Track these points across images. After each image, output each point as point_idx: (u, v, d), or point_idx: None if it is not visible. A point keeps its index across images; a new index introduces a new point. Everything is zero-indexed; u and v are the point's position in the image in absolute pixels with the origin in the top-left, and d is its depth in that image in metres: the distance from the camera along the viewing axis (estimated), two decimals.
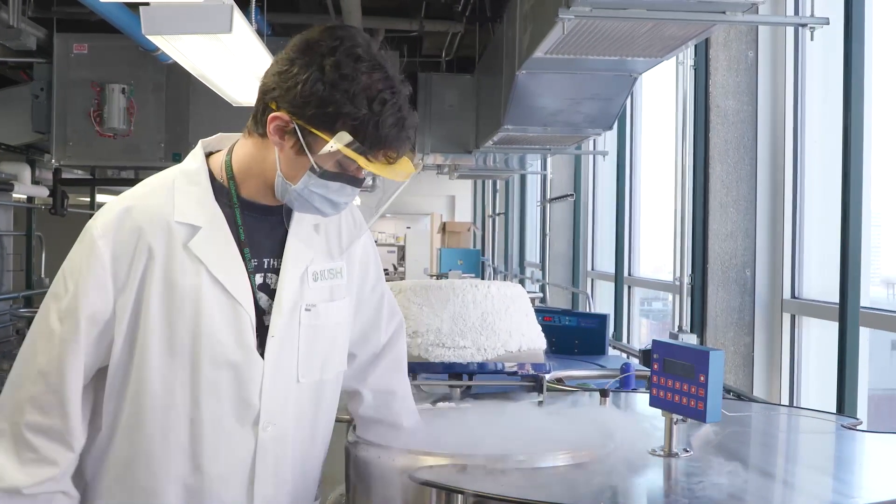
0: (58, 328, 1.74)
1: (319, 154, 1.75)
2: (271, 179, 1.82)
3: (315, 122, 1.73)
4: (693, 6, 3.08)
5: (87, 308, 1.74)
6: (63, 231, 10.26)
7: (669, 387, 2.00)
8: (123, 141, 6.64)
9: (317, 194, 1.79)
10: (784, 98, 4.82)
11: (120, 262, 1.75)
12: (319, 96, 1.72)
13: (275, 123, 1.76)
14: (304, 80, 1.73)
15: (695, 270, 4.98)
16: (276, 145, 1.78)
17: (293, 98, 1.73)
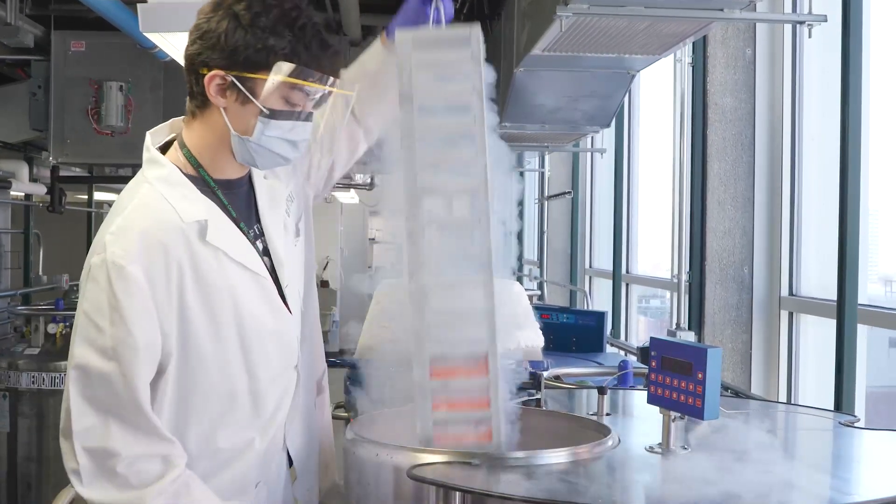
0: (110, 367, 1.72)
1: (263, 95, 1.79)
2: (226, 144, 1.85)
3: (248, 66, 1.77)
4: (691, 3, 3.07)
5: (141, 336, 1.73)
6: (61, 229, 10.32)
7: (667, 384, 2.00)
8: (121, 138, 6.63)
9: (274, 138, 1.82)
10: (782, 95, 4.82)
11: (157, 285, 1.75)
12: (244, 41, 1.76)
13: (213, 83, 1.79)
14: (224, 31, 1.77)
15: (693, 268, 4.98)
16: (221, 107, 1.81)
17: (220, 53, 1.78)
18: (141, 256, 1.73)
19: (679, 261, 4.91)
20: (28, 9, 6.13)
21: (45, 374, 5.61)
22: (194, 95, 1.85)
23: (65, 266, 9.44)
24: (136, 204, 1.80)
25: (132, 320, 1.72)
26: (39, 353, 5.69)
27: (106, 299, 1.72)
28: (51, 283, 8.84)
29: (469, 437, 1.92)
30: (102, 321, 1.72)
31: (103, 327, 1.72)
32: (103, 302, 1.72)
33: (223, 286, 1.81)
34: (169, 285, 1.76)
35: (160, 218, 1.79)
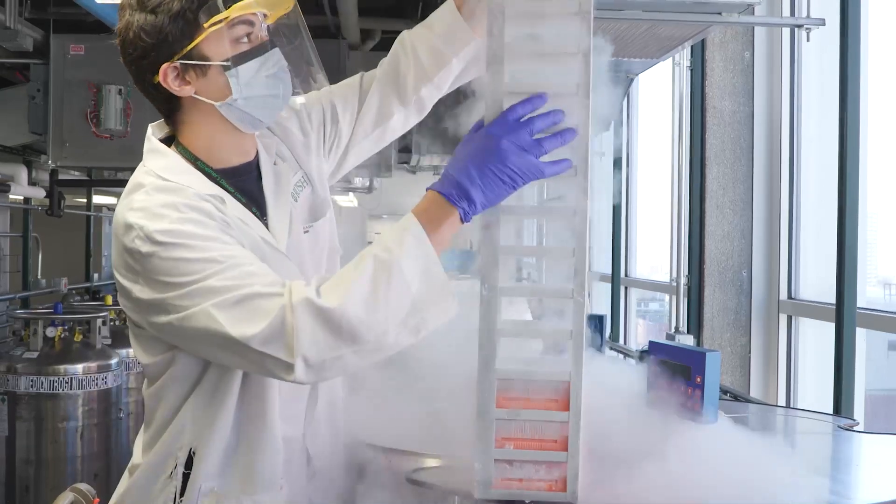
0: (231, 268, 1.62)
1: (215, 52, 1.73)
2: (220, 125, 1.80)
3: (182, 39, 1.72)
4: (689, 7, 3.09)
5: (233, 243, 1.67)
6: (59, 232, 10.30)
7: (666, 388, 2.00)
8: (120, 142, 6.62)
9: (254, 83, 1.76)
10: (780, 99, 4.83)
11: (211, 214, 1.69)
12: (160, 22, 1.71)
13: (169, 79, 1.74)
14: (140, 28, 1.72)
15: (691, 271, 4.98)
16: (190, 94, 1.76)
17: (150, 49, 1.73)
18: (177, 217, 1.66)
19: (678, 264, 4.91)
20: (27, 12, 6.13)
21: (43, 377, 5.62)
22: (162, 105, 1.81)
23: (64, 270, 9.45)
24: (147, 187, 1.72)
25: (213, 237, 1.65)
26: (38, 356, 5.69)
27: (166, 227, 1.64)
28: (49, 287, 8.83)
29: (538, 482, 1.64)
30: (187, 265, 1.62)
31: (192, 258, 1.62)
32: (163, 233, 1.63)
33: (257, 254, 1.72)
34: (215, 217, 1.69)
35: (180, 191, 1.72)
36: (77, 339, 5.84)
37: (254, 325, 1.57)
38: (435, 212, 1.60)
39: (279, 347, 1.57)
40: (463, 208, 1.58)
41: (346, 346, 1.57)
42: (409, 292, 1.57)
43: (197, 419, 1.78)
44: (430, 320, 1.60)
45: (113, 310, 6.86)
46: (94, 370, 5.79)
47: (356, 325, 1.56)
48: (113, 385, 5.94)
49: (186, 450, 1.78)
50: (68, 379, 5.67)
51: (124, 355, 6.29)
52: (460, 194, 1.58)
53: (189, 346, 1.72)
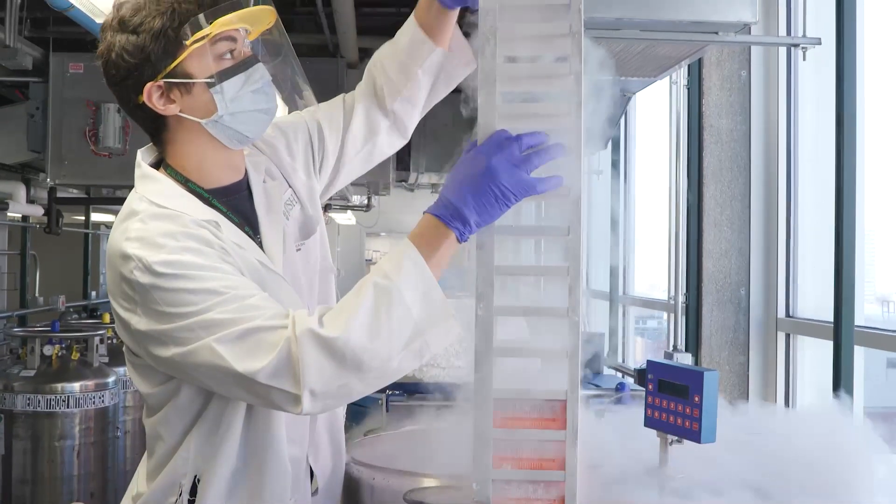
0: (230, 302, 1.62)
1: (198, 69, 1.73)
2: (207, 143, 1.79)
3: (165, 57, 1.72)
4: (686, 27, 3.10)
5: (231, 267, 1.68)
6: (57, 250, 10.30)
7: (664, 407, 2.00)
8: (119, 160, 6.62)
9: (239, 99, 1.76)
10: (777, 117, 4.84)
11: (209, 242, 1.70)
12: (142, 41, 1.71)
13: (153, 98, 1.74)
14: (122, 49, 1.73)
15: (689, 289, 4.98)
16: (175, 112, 1.76)
17: (133, 69, 1.73)
18: (176, 246, 1.65)
19: (676, 282, 4.91)
20: (27, 31, 6.16)
21: (40, 396, 5.60)
22: (152, 129, 1.81)
23: (61, 287, 9.43)
24: (142, 213, 1.71)
25: (213, 267, 1.65)
26: (35, 375, 5.67)
27: (167, 259, 1.63)
28: (47, 305, 8.83)
29: (537, 502, 1.63)
30: (182, 279, 1.62)
31: (193, 289, 1.62)
32: (166, 264, 1.63)
33: (255, 279, 1.72)
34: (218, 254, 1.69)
35: (176, 218, 1.71)
36: (74, 357, 5.83)
37: (259, 359, 1.57)
38: (431, 234, 1.61)
39: (286, 380, 1.57)
40: (458, 229, 1.59)
41: (351, 375, 1.58)
42: (411, 317, 1.58)
43: (202, 447, 1.77)
44: (433, 343, 1.61)
45: (111, 328, 6.84)
46: (92, 388, 5.77)
47: (360, 354, 1.56)
48: (110, 403, 5.92)
49: (191, 477, 1.77)
50: (65, 397, 5.65)
51: (122, 374, 6.26)
52: (454, 215, 1.58)
53: (191, 379, 1.70)
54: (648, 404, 2.05)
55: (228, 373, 1.59)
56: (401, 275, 1.59)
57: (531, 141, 1.58)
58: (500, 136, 1.58)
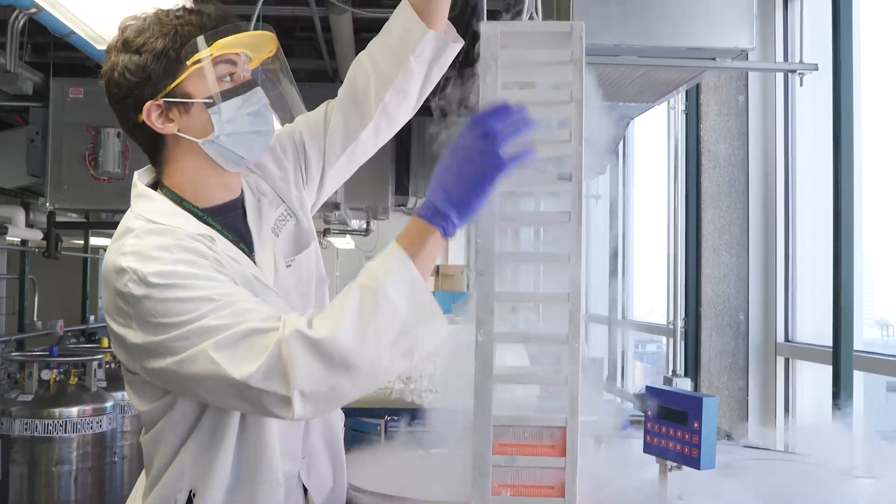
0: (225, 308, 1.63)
1: (197, 90, 1.76)
2: (203, 163, 1.82)
3: (165, 77, 1.75)
4: (684, 53, 3.12)
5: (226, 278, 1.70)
6: (56, 274, 10.29)
7: (663, 433, 1.99)
8: (118, 184, 6.64)
9: (236, 120, 1.79)
10: (775, 142, 4.86)
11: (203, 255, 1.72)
12: (144, 61, 1.75)
13: (152, 117, 1.77)
14: (125, 68, 1.76)
15: (688, 314, 4.98)
16: (173, 131, 1.78)
17: (134, 87, 1.76)
18: (170, 258, 1.67)
19: (674, 307, 4.91)
20: (27, 56, 6.18)
21: (37, 420, 5.58)
22: (149, 147, 1.84)
23: (60, 312, 9.41)
24: (139, 232, 1.73)
25: (207, 276, 1.67)
26: (32, 399, 5.66)
27: (162, 270, 1.65)
28: (45, 330, 8.81)
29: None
30: (175, 288, 1.64)
31: (187, 297, 1.63)
32: (162, 275, 1.64)
33: (251, 292, 1.74)
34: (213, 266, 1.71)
35: (171, 232, 1.74)
36: (72, 381, 5.81)
37: (252, 362, 1.58)
38: (416, 234, 1.62)
39: (276, 383, 1.57)
40: (441, 225, 1.60)
41: (340, 375, 1.58)
42: (397, 316, 1.58)
43: (196, 461, 1.78)
44: (421, 342, 1.60)
45: (109, 352, 6.83)
46: (89, 413, 5.76)
47: (347, 353, 1.57)
48: (108, 428, 5.90)
49: (186, 492, 1.77)
50: (63, 422, 5.63)
51: (120, 398, 6.25)
52: (434, 212, 1.60)
53: (185, 390, 1.71)
54: (647, 430, 2.05)
55: (222, 379, 1.59)
56: (387, 274, 1.60)
57: (495, 120, 1.56)
58: (466, 125, 1.60)
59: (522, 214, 1.71)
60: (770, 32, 4.73)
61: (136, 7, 1.91)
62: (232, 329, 1.60)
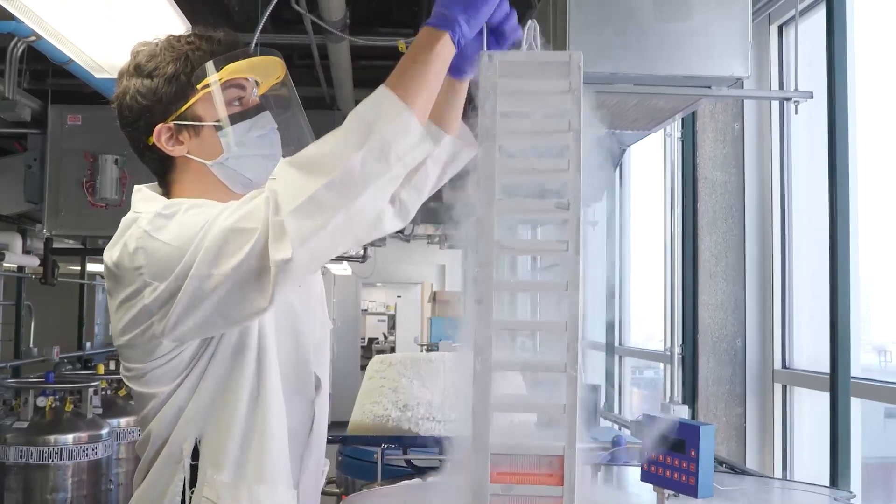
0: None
1: (207, 113, 1.80)
2: (211, 186, 1.84)
3: (176, 100, 1.79)
4: (680, 81, 3.14)
5: None
6: (52, 301, 10.28)
7: (661, 461, 1.99)
8: (115, 211, 6.65)
9: (245, 143, 1.82)
10: (771, 169, 4.88)
11: None
12: (156, 85, 1.79)
13: (162, 139, 1.80)
14: (136, 91, 1.80)
15: (685, 341, 4.98)
16: (183, 153, 1.82)
17: (145, 110, 1.80)
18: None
19: (671, 334, 4.91)
20: (26, 83, 6.21)
21: (33, 448, 5.56)
22: (156, 166, 1.86)
23: (56, 338, 9.40)
24: (145, 217, 1.74)
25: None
26: (28, 426, 5.64)
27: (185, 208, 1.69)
28: (41, 356, 8.80)
29: None
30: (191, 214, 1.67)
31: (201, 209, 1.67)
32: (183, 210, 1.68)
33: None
34: None
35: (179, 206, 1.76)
36: (68, 408, 5.79)
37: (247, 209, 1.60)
38: (423, 40, 1.63)
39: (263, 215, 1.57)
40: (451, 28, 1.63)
41: (314, 181, 1.55)
42: (361, 118, 1.58)
43: (205, 413, 1.80)
44: (393, 141, 1.58)
45: (105, 379, 6.82)
46: (85, 440, 5.73)
47: (317, 157, 1.57)
48: (103, 456, 5.87)
49: (192, 441, 1.79)
50: (58, 449, 5.61)
51: (115, 425, 6.24)
52: (444, 20, 1.62)
53: (204, 305, 1.66)
54: (645, 458, 2.04)
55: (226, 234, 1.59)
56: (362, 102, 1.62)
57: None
58: None
59: (520, 243, 1.71)
60: (765, 60, 4.76)
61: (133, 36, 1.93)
62: (238, 202, 1.63)
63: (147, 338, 1.72)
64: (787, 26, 4.69)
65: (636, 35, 3.05)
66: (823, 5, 3.82)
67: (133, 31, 2.70)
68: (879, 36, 4.18)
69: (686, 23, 3.07)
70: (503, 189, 1.63)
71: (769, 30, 4.78)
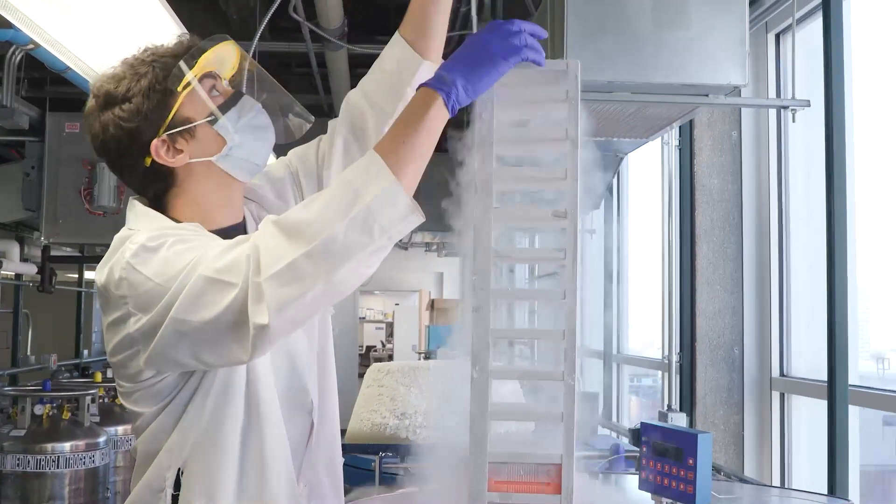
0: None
1: (196, 111, 1.78)
2: (215, 184, 1.83)
3: (161, 111, 1.76)
4: (677, 89, 3.14)
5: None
6: (50, 308, 10.27)
7: (659, 470, 1.99)
8: (113, 219, 6.65)
9: (241, 128, 1.81)
10: (768, 176, 4.88)
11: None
12: (135, 106, 1.76)
13: (161, 153, 1.78)
14: (117, 119, 1.76)
15: (683, 349, 4.98)
16: (186, 160, 1.80)
17: (133, 133, 1.77)
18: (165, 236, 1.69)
19: (669, 342, 4.91)
20: (24, 91, 6.21)
21: (30, 456, 5.55)
22: (159, 186, 1.83)
23: (53, 346, 9.39)
24: (137, 236, 1.71)
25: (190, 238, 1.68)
26: (25, 434, 5.63)
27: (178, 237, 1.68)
28: (39, 364, 8.78)
29: None
30: (185, 243, 1.65)
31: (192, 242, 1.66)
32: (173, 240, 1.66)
33: None
34: None
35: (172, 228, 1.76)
36: (65, 416, 5.78)
37: (230, 259, 1.58)
38: (419, 103, 1.60)
39: (244, 270, 1.55)
40: (444, 91, 1.58)
41: (295, 249, 1.53)
42: (349, 184, 1.55)
43: (189, 441, 1.77)
44: (378, 212, 1.53)
45: (102, 387, 6.81)
46: (82, 448, 5.72)
47: (300, 222, 1.55)
48: (101, 464, 5.86)
49: (174, 469, 1.77)
50: (55, 457, 5.60)
51: (112, 433, 6.23)
52: (441, 81, 1.59)
53: (182, 346, 1.65)
54: (643, 467, 2.04)
55: (208, 284, 1.57)
56: (352, 167, 1.60)
57: (525, 25, 1.61)
58: (495, 23, 1.62)
59: (517, 251, 1.72)
60: (762, 69, 4.77)
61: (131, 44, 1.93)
62: (221, 248, 1.61)
63: (132, 363, 1.72)
64: (785, 35, 4.70)
65: (634, 43, 3.05)
66: (821, 14, 3.83)
67: (131, 39, 2.70)
68: (877, 44, 4.19)
69: (684, 31, 3.07)
70: (500, 197, 1.64)
71: (766, 38, 4.79)
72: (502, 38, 1.59)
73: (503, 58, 1.58)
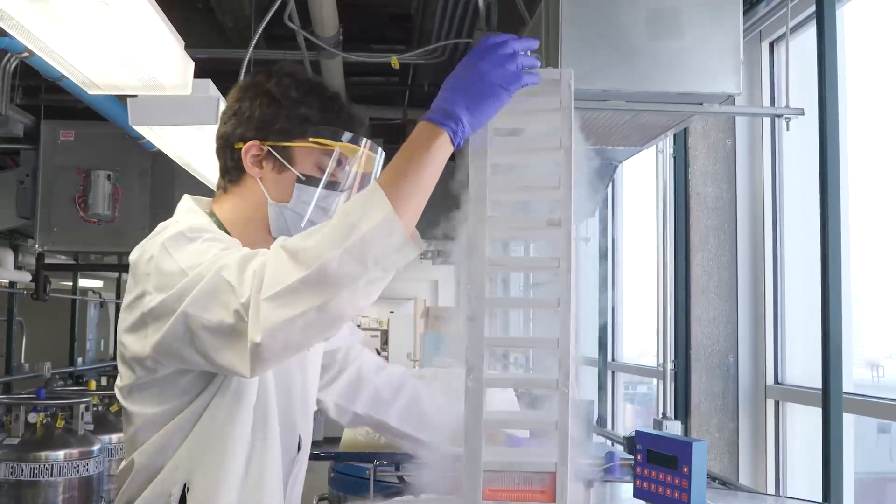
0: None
1: (298, 162, 1.86)
2: (261, 217, 1.89)
3: (282, 135, 1.86)
4: (671, 98, 3.15)
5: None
6: (44, 316, 10.24)
7: (653, 478, 1.99)
8: (107, 227, 6.65)
9: (310, 204, 1.87)
10: (762, 185, 4.89)
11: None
12: (277, 112, 1.86)
13: (249, 155, 1.86)
14: (258, 105, 1.88)
15: (678, 357, 4.98)
16: (257, 176, 1.87)
17: (255, 125, 1.87)
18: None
19: (664, 349, 4.91)
20: (19, 98, 6.21)
21: (24, 464, 5.53)
22: (228, 171, 1.92)
23: (47, 354, 9.37)
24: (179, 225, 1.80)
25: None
26: (19, 443, 5.62)
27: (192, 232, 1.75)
28: (32, 372, 8.76)
29: None
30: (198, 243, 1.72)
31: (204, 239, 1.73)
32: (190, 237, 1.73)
33: None
34: None
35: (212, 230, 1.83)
36: (59, 424, 5.77)
37: (248, 267, 1.61)
38: (423, 137, 1.59)
39: (252, 284, 1.57)
40: (450, 127, 1.58)
41: (294, 273, 1.54)
42: (349, 215, 1.57)
43: (195, 456, 1.80)
44: (372, 243, 1.54)
45: (96, 395, 6.80)
46: (76, 457, 5.71)
47: (302, 247, 1.56)
48: (95, 472, 5.85)
49: (181, 485, 1.79)
50: (49, 466, 5.58)
51: (107, 441, 6.21)
52: (446, 116, 1.58)
53: (187, 339, 1.67)
54: (637, 475, 2.04)
55: (222, 288, 1.60)
56: (352, 199, 1.63)
57: (518, 44, 1.61)
58: (486, 42, 1.61)
59: (512, 260, 1.72)
60: (757, 77, 4.78)
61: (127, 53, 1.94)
62: (243, 255, 1.65)
63: (140, 345, 1.74)
64: (779, 43, 4.72)
65: (628, 52, 3.06)
66: (814, 22, 3.84)
67: (126, 48, 2.70)
68: (870, 53, 4.20)
69: (678, 40, 3.08)
70: (494, 205, 1.64)
71: (760, 47, 4.81)
72: (499, 66, 1.58)
73: (504, 87, 1.58)
